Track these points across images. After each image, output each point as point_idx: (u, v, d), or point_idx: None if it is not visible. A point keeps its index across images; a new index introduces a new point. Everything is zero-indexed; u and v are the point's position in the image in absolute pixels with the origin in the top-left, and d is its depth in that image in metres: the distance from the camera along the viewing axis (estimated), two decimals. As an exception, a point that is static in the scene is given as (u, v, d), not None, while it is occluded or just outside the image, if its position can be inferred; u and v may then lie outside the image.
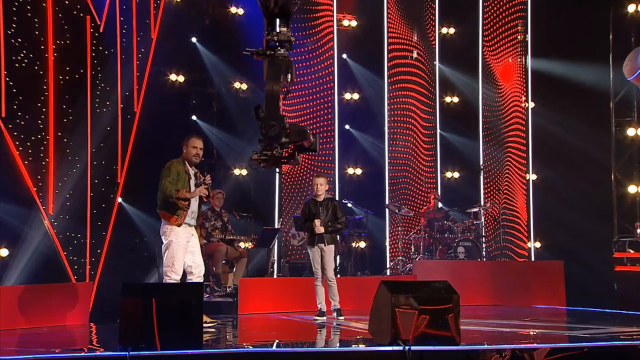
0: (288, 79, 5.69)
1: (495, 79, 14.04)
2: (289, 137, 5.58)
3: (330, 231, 8.34)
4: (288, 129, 5.58)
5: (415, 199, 13.58)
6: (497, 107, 14.03)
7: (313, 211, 8.35)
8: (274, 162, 5.67)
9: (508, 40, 14.10)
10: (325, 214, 8.33)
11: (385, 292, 5.74)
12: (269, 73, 5.65)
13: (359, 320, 8.11)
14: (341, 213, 8.47)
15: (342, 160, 13.35)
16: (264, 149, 5.63)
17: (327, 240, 8.31)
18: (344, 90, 13.55)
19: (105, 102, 10.01)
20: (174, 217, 7.06)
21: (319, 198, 8.40)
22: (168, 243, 7.09)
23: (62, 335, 7.49)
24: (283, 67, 5.64)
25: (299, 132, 5.64)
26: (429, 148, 13.88)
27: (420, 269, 10.89)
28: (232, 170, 12.44)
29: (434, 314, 5.63)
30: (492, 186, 13.75)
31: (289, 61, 5.71)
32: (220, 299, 9.61)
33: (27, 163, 9.03)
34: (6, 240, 8.83)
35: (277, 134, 5.51)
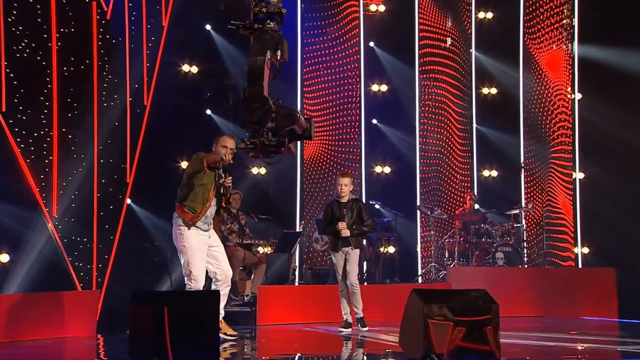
0: (278, 55, 5.34)
1: (537, 68, 13.91)
2: (276, 121, 5.21)
3: (356, 234, 8.32)
4: (274, 112, 5.19)
5: (450, 199, 13.51)
6: (539, 98, 13.91)
7: (337, 213, 8.33)
8: (263, 151, 5.31)
9: (552, 25, 13.95)
10: (350, 216, 8.31)
11: (417, 301, 5.70)
12: (254, 47, 5.27)
13: (388, 332, 8.06)
14: (367, 215, 8.45)
15: (368, 157, 13.33)
16: (252, 136, 5.31)
17: (353, 243, 8.29)
18: (371, 82, 13.53)
19: (112, 95, 10.08)
20: (190, 214, 7.00)
21: (343, 199, 8.38)
22: (181, 249, 7.08)
23: (67, 347, 7.55)
24: (272, 42, 5.30)
25: (288, 116, 5.24)
26: (464, 144, 13.81)
27: (455, 276, 10.83)
28: (250, 169, 12.47)
29: (471, 325, 5.57)
30: (534, 186, 13.63)
31: (279, 36, 5.38)
32: (237, 308, 9.64)
33: (29, 161, 9.13)
34: (7, 245, 8.94)
35: (260, 118, 5.14)
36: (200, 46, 11.90)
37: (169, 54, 11.01)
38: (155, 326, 5.19)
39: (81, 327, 8.21)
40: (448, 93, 13.68)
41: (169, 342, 5.15)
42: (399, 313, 6.03)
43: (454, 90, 13.76)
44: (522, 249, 11.98)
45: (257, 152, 5.33)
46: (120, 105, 10.19)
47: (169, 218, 7.34)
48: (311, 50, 13.00)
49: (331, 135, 13.06)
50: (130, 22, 10.43)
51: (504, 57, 13.92)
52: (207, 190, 7.06)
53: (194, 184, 7.00)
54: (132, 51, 10.41)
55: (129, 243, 10.03)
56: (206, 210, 7.08)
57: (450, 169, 13.62)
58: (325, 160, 12.98)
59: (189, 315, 5.28)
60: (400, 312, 5.98)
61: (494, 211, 12.66)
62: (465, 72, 13.90)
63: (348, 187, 8.41)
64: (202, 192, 7.03)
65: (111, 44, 10.16)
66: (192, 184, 7.01)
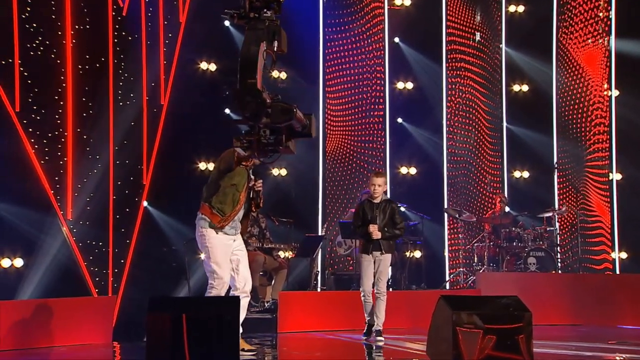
0: (274, 46, 5.11)
1: (571, 63, 13.80)
2: (271, 117, 4.97)
3: (387, 237, 8.27)
4: (270, 107, 4.96)
5: (479, 202, 13.46)
6: (573, 95, 13.79)
7: (369, 215, 8.28)
8: (259, 149, 5.07)
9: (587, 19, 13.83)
10: (382, 218, 8.26)
11: (445, 308, 5.68)
12: (247, 37, 5.07)
13: (415, 341, 8.02)
14: (400, 218, 8.39)
15: (393, 158, 13.31)
16: (247, 134, 5.04)
17: (384, 247, 8.24)
18: (396, 79, 13.50)
19: (129, 94, 10.14)
20: (218, 216, 6.62)
21: (376, 200, 8.34)
22: (205, 249, 6.69)
23: (82, 355, 7.60)
24: (268, 31, 5.08)
25: (284, 111, 4.98)
26: (494, 143, 13.75)
27: (485, 282, 10.77)
28: (270, 170, 12.48)
29: (502, 334, 5.53)
30: (568, 187, 13.52)
31: (277, 26, 5.15)
32: (257, 315, 9.64)
33: (43, 163, 9.21)
34: (21, 249, 9.01)
35: (254, 113, 4.92)
36: (219, 43, 11.93)
37: (187, 51, 11.04)
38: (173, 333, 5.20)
39: (97, 334, 8.26)
40: (477, 90, 13.62)
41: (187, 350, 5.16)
42: (426, 320, 6.02)
43: (483, 87, 13.69)
44: (555, 254, 11.89)
45: (253, 151, 5.18)
46: (137, 104, 10.24)
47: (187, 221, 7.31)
48: (334, 47, 13.00)
49: (354, 135, 13.05)
50: (147, 18, 10.49)
51: (535, 53, 13.83)
52: (238, 192, 6.66)
53: (224, 183, 6.61)
54: (148, 48, 10.46)
55: (146, 247, 10.07)
56: (236, 214, 6.71)
57: (479, 169, 13.56)
58: (349, 161, 12.97)
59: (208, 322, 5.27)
60: (427, 320, 5.96)
61: (526, 214, 12.58)
62: (495, 68, 13.83)
63: (382, 187, 8.35)
64: (233, 193, 6.64)
65: (127, 41, 10.22)
66: (222, 183, 6.62)
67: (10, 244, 8.93)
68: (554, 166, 13.46)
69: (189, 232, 8.88)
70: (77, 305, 8.28)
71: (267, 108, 4.96)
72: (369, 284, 8.25)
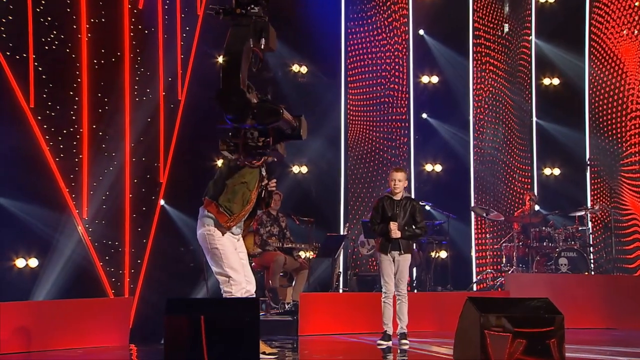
0: (262, 44, 5.05)
1: (606, 55, 13.67)
2: (256, 118, 4.91)
3: (407, 236, 8.20)
4: (255, 108, 4.89)
5: (507, 200, 13.40)
6: (608, 89, 13.67)
7: (388, 212, 8.22)
8: (247, 152, 5.04)
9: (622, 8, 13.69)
10: (403, 216, 8.19)
11: (473, 310, 5.65)
12: (232, 34, 5.02)
13: (441, 344, 8.00)
14: (421, 216, 8.32)
15: (418, 154, 13.30)
16: (233, 136, 5.01)
17: (404, 247, 8.18)
18: (421, 73, 13.48)
19: (145, 90, 10.19)
20: (225, 216, 6.37)
21: (396, 196, 8.28)
22: (213, 252, 6.45)
23: (98, 357, 7.67)
24: (255, 28, 5.03)
25: (270, 112, 4.92)
26: (523, 139, 13.70)
27: (514, 283, 10.72)
28: (290, 168, 12.51)
29: (533, 337, 5.49)
30: (601, 185, 13.42)
31: (264, 23, 5.10)
32: (277, 317, 9.67)
33: (58, 160, 9.28)
34: (35, 249, 9.08)
35: (238, 115, 4.88)
36: (237, 36, 11.94)
37: (205, 45, 11.07)
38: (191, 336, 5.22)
39: (113, 336, 8.32)
40: (505, 84, 13.56)
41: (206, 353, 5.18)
42: (453, 323, 6.00)
43: (512, 81, 13.62)
44: (588, 254, 11.82)
45: (240, 155, 5.09)
46: (153, 100, 10.29)
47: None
48: (356, 39, 13.01)
49: (377, 131, 13.05)
50: (164, 11, 10.53)
51: (567, 44, 13.74)
52: (248, 191, 6.41)
53: (234, 180, 6.38)
54: (165, 42, 10.50)
55: (163, 247, 10.12)
56: (245, 214, 6.48)
57: (508, 166, 13.51)
58: (371, 158, 12.96)
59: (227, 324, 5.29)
60: (454, 322, 5.94)
61: (557, 213, 12.50)
62: (525, 61, 13.74)
63: (402, 183, 8.25)
64: (243, 191, 6.40)
65: (143, 34, 10.27)
66: (231, 180, 6.39)
67: (25, 244, 9.01)
68: (586, 163, 13.36)
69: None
70: (93, 306, 8.35)
71: (252, 109, 4.88)
72: (391, 285, 8.19)
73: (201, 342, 5.20)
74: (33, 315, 7.82)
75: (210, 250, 6.46)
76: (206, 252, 6.54)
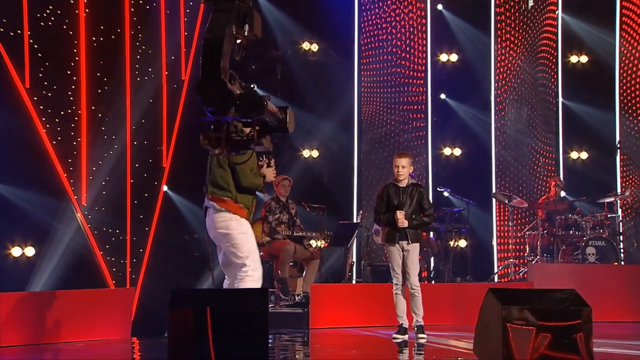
0: (245, 31, 5.01)
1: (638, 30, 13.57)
2: (239, 110, 4.88)
3: (415, 225, 8.20)
4: (237, 99, 4.86)
5: (531, 186, 13.38)
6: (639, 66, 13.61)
7: (394, 200, 8.23)
8: (230, 147, 5.01)
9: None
10: (410, 204, 8.18)
11: (494, 302, 5.65)
12: (213, 20, 4.94)
13: (460, 338, 8.00)
14: (428, 203, 8.32)
15: (436, 138, 13.27)
16: (215, 130, 4.96)
17: (411, 236, 8.17)
18: (439, 51, 13.44)
19: (147, 69, 10.20)
20: (245, 210, 6.79)
21: (401, 183, 8.28)
22: (235, 235, 6.74)
23: (99, 352, 7.70)
24: (237, 14, 4.97)
25: (253, 104, 4.90)
26: (549, 121, 13.66)
27: (538, 274, 10.71)
28: (301, 152, 12.51)
29: (558, 331, 5.48)
30: (632, 169, 13.36)
31: (248, 8, 5.04)
32: (287, 309, 9.70)
33: (55, 144, 9.31)
34: (32, 238, 9.14)
35: (219, 107, 4.85)
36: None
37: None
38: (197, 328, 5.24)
39: (114, 328, 8.36)
40: (529, 62, 13.47)
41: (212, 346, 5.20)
42: (473, 316, 5.99)
43: (536, 59, 13.54)
44: (617, 243, 11.77)
45: (223, 148, 5.03)
46: (156, 80, 10.30)
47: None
48: (370, 15, 12.97)
49: (393, 113, 13.03)
50: (166, -16, 10.53)
51: (596, 19, 13.64)
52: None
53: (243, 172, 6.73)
54: (168, 18, 10.49)
55: (166, 235, 10.16)
56: (255, 204, 6.92)
57: (532, 150, 13.47)
58: (386, 141, 12.94)
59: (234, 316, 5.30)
60: (474, 315, 5.94)
61: (584, 199, 12.47)
62: (551, 38, 13.66)
63: (407, 169, 8.25)
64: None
65: (145, 10, 10.27)
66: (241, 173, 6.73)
67: (21, 232, 9.06)
68: (616, 146, 13.28)
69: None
70: (93, 297, 8.39)
71: (234, 101, 4.85)
72: (399, 278, 8.22)
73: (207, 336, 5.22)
74: (30, 307, 7.85)
75: (232, 234, 6.71)
76: (228, 239, 6.75)
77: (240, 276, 6.74)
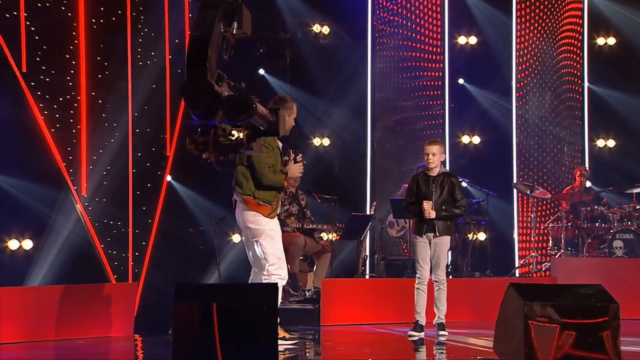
0: (233, 28, 4.98)
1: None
2: (227, 113, 4.84)
3: (445, 217, 8.18)
4: (225, 102, 4.84)
5: (554, 175, 13.38)
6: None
7: (423, 189, 8.20)
8: (218, 151, 4.98)
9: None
10: (439, 194, 8.15)
11: (516, 298, 5.65)
12: (199, 17, 4.92)
13: (480, 336, 8.01)
14: (461, 194, 8.27)
15: (454, 125, 13.25)
16: (202, 133, 4.93)
17: (440, 229, 8.15)
18: (458, 33, 13.40)
19: (149, 53, 10.20)
20: (267, 206, 7.11)
21: (432, 172, 8.25)
22: (262, 232, 7.13)
23: (100, 350, 7.74)
24: (225, 11, 4.95)
25: (242, 107, 4.86)
26: (573, 107, 13.60)
27: (562, 269, 10.73)
28: (311, 140, 12.50)
29: (583, 329, 5.48)
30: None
31: (237, 3, 5.00)
32: (297, 305, 9.72)
33: (53, 131, 9.32)
34: (30, 230, 9.16)
35: (205, 110, 4.81)
36: (251, -8, 11.91)
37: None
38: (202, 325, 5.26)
39: (116, 325, 8.40)
40: (553, 45, 13.41)
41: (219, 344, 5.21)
42: (493, 313, 6.00)
43: (561, 41, 13.49)
44: (646, 237, 11.74)
45: (211, 153, 5.00)
46: (159, 64, 10.29)
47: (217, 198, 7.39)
48: (385, -5, 12.94)
49: (408, 98, 13.01)
50: (169, -37, 10.52)
51: (625, -1, 13.58)
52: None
53: (260, 168, 7.08)
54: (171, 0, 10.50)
55: (170, 228, 10.18)
56: (280, 198, 7.28)
57: (556, 138, 13.43)
58: (401, 129, 12.93)
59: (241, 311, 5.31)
60: (494, 312, 5.94)
61: (611, 190, 12.43)
62: (576, 18, 13.60)
63: (437, 156, 8.21)
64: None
65: (147, -10, 10.28)
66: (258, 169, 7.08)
67: (18, 224, 9.08)
68: (645, 133, 13.27)
69: (219, 210, 8.92)
70: (94, 292, 8.42)
71: (221, 103, 4.81)
72: (426, 270, 8.19)
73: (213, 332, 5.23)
74: (28, 303, 7.90)
75: (259, 230, 7.11)
76: (255, 234, 7.14)
77: (265, 277, 7.07)
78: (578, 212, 11.91)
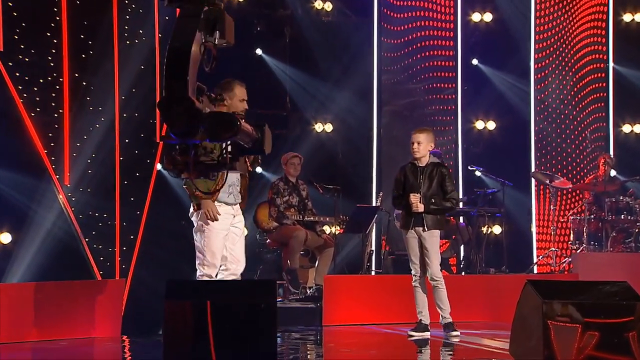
0: (215, 38, 4.93)
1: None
2: (208, 132, 4.81)
3: (433, 210, 8.20)
4: (207, 118, 4.80)
5: (576, 164, 13.39)
6: None
7: (411, 181, 8.25)
8: (198, 171, 5.02)
9: None
10: (428, 186, 8.18)
11: (534, 296, 5.66)
12: (178, 27, 4.88)
13: (495, 337, 8.03)
14: (451, 185, 8.30)
15: (467, 109, 13.27)
16: (181, 152, 4.92)
17: (428, 223, 8.17)
18: (471, 9, 13.40)
19: (137, 30, 10.18)
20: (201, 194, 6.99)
21: (420, 162, 8.29)
22: (198, 226, 7.21)
23: (84, 351, 7.76)
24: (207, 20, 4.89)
25: (225, 126, 4.82)
26: (597, 90, 13.58)
27: (584, 264, 10.77)
28: (313, 126, 12.51)
29: (607, 329, 5.50)
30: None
31: (219, 11, 4.95)
32: (297, 303, 9.74)
33: (33, 115, 9.31)
34: (8, 223, 9.17)
35: (185, 129, 4.76)
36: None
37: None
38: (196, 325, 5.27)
39: (102, 325, 8.39)
40: (575, 22, 13.40)
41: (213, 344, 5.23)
42: (509, 312, 6.01)
43: (583, 18, 13.46)
44: (675, 230, 11.76)
45: (189, 174, 4.95)
46: (148, 43, 10.28)
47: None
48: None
49: (417, 81, 13.01)
50: None
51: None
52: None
53: None
54: (161, -27, 10.48)
55: (161, 220, 10.18)
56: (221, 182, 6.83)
57: (577, 123, 13.43)
58: (410, 114, 12.93)
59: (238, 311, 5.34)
60: (510, 311, 5.96)
61: (638, 179, 12.43)
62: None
63: (423, 145, 8.25)
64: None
65: (134, -39, 10.26)
66: None
67: (-5, 216, 9.10)
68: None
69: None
70: (78, 290, 8.43)
71: (203, 121, 4.78)
72: (417, 268, 8.24)
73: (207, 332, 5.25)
74: (6, 301, 7.89)
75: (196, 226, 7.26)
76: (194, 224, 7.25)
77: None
78: (602, 204, 11.90)
